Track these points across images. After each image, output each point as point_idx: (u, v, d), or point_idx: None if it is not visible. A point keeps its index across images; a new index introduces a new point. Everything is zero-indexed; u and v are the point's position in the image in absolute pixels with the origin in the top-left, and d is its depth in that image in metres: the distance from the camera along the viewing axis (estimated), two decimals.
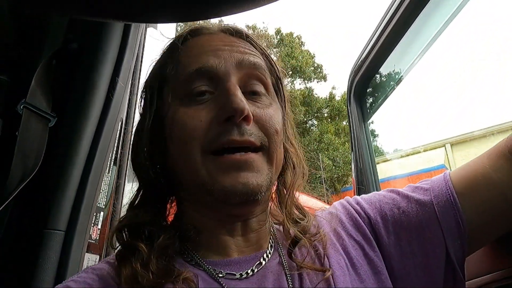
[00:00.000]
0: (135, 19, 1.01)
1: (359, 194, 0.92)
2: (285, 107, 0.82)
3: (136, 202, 0.77)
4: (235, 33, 0.80)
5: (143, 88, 0.82)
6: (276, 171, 0.74)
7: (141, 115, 0.81)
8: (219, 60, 0.72)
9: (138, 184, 0.78)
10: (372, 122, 2.08)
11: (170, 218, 0.80)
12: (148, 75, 0.83)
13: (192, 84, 0.72)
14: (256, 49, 0.79)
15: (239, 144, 0.67)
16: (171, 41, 0.82)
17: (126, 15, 0.91)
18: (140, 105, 0.82)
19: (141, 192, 0.77)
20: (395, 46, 1.68)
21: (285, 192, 0.79)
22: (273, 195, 0.80)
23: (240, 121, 0.67)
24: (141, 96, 0.82)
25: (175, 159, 0.74)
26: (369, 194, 0.86)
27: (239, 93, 0.68)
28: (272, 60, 0.82)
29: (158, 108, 0.77)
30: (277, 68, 0.82)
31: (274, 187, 0.79)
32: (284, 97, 0.83)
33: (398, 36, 1.63)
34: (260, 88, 0.75)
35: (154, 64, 0.82)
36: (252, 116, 0.68)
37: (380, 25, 1.63)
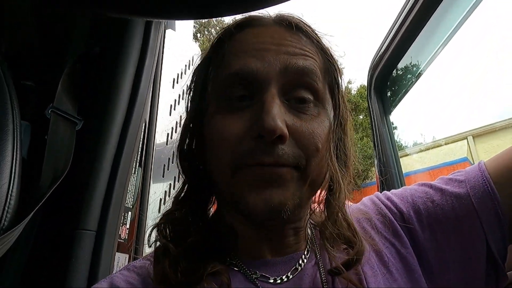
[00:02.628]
0: (155, 16, 1.02)
1: (382, 189, 0.90)
2: (338, 113, 0.74)
3: (181, 196, 0.75)
4: (289, 26, 0.71)
5: (190, 84, 0.79)
6: (311, 188, 0.67)
7: (186, 111, 0.79)
8: (261, 63, 0.65)
9: (172, 180, 0.78)
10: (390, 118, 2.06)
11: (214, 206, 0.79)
12: (193, 71, 0.79)
13: (231, 87, 0.67)
14: (312, 45, 0.71)
15: (267, 164, 0.61)
16: (218, 35, 0.75)
17: (146, 11, 0.92)
18: (188, 99, 0.79)
19: (186, 187, 0.75)
20: (415, 39, 1.66)
21: (333, 210, 0.71)
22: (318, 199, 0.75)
23: (274, 139, 0.60)
24: (187, 92, 0.79)
25: (210, 164, 0.70)
26: (400, 189, 0.83)
27: (274, 109, 0.61)
28: (332, 58, 0.74)
29: (200, 106, 0.74)
30: (336, 67, 0.74)
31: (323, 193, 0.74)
32: (339, 102, 0.74)
33: (418, 28, 1.61)
34: (307, 95, 0.67)
35: (200, 60, 0.78)
36: (287, 135, 0.61)
37: (399, 18, 1.62)
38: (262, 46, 0.67)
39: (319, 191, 0.73)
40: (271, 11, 0.75)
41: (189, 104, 0.79)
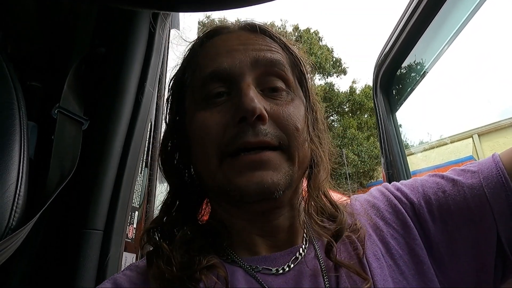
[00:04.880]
0: (159, 7, 1.02)
1: None
2: (309, 101, 0.79)
3: (168, 204, 0.77)
4: (253, 29, 0.78)
5: (168, 93, 0.83)
6: (300, 169, 0.71)
7: (166, 119, 0.83)
8: (233, 61, 0.71)
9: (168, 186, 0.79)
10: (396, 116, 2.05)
11: (205, 218, 0.80)
12: (170, 80, 0.83)
13: (208, 87, 0.72)
14: (276, 43, 0.77)
15: (254, 145, 0.65)
16: (190, 45, 0.82)
17: (151, 2, 0.92)
18: (167, 110, 0.83)
19: (171, 195, 0.78)
20: (420, 37, 1.65)
21: (311, 192, 0.75)
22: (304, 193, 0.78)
23: (254, 121, 0.65)
24: (167, 101, 0.83)
25: (196, 161, 0.74)
26: (409, 180, 0.82)
27: (251, 93, 0.67)
28: (295, 53, 0.80)
29: (180, 112, 0.78)
30: (301, 61, 0.80)
31: (305, 184, 0.77)
32: (309, 91, 0.80)
33: (423, 27, 1.60)
34: (279, 84, 0.73)
35: (176, 69, 0.83)
36: (267, 115, 0.67)
37: (405, 15, 1.61)
38: (231, 48, 0.74)
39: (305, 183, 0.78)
40: (234, 21, 0.82)
41: (167, 113, 0.83)
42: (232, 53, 0.72)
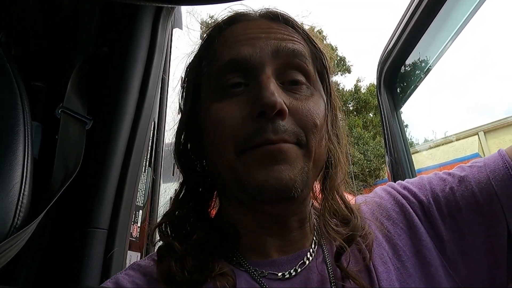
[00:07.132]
0: (162, 1, 1.02)
1: None
2: (329, 97, 0.76)
3: (180, 196, 0.76)
4: (275, 18, 0.74)
5: (181, 83, 0.81)
6: (315, 167, 0.68)
7: (180, 110, 0.80)
8: (253, 49, 0.68)
9: (181, 179, 0.78)
10: (401, 113, 2.04)
11: (214, 211, 0.79)
12: (184, 69, 0.81)
13: (225, 76, 0.68)
14: (299, 34, 0.74)
15: (274, 142, 0.62)
16: (207, 31, 0.78)
17: None
18: (180, 100, 0.80)
19: (184, 186, 0.76)
20: (423, 33, 1.64)
21: (327, 194, 0.73)
22: (317, 194, 0.76)
23: (273, 116, 0.62)
24: (181, 89, 0.81)
25: (211, 154, 0.71)
26: (415, 178, 0.81)
27: (271, 86, 0.63)
28: (317, 45, 0.77)
29: (194, 103, 0.75)
30: (323, 54, 0.77)
31: (318, 185, 0.75)
32: (330, 87, 0.77)
33: (426, 23, 1.59)
34: (299, 77, 0.70)
35: (191, 58, 0.80)
36: (287, 110, 0.63)
37: (408, 12, 1.60)
38: (252, 35, 0.70)
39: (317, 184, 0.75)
40: (256, 8, 0.78)
41: (182, 103, 0.80)
42: (253, 41, 0.69)
